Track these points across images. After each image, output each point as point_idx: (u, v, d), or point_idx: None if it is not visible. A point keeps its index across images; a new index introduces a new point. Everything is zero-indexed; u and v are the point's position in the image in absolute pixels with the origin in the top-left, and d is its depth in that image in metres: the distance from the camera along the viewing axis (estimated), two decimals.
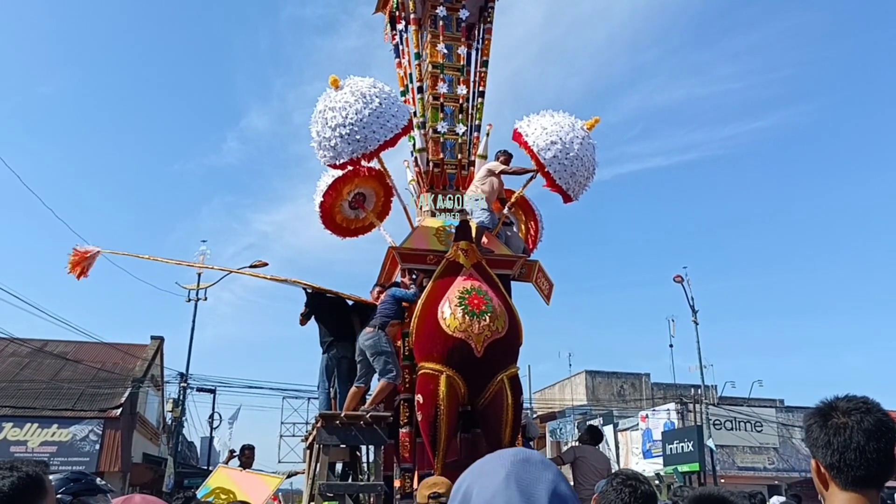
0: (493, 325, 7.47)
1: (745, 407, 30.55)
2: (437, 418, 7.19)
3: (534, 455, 1.07)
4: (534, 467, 1.04)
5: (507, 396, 7.47)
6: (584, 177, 8.44)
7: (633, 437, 32.30)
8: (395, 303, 7.79)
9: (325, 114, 7.96)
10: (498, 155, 8.75)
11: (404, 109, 8.36)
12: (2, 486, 1.84)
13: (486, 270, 7.96)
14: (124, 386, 23.23)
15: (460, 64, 9.41)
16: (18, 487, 1.86)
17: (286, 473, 10.46)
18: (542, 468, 1.04)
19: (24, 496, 1.86)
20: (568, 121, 8.41)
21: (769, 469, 29.37)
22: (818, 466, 1.85)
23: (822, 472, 1.83)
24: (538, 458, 1.06)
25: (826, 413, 1.84)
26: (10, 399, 21.81)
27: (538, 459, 1.06)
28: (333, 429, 7.45)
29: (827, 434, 1.80)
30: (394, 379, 7.48)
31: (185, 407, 25.34)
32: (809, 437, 1.88)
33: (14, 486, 1.85)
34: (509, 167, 8.54)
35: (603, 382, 41.49)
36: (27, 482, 1.88)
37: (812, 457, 1.89)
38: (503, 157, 8.71)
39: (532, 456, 1.07)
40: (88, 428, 21.64)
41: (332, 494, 7.46)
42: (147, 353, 26.43)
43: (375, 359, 7.48)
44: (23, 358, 24.31)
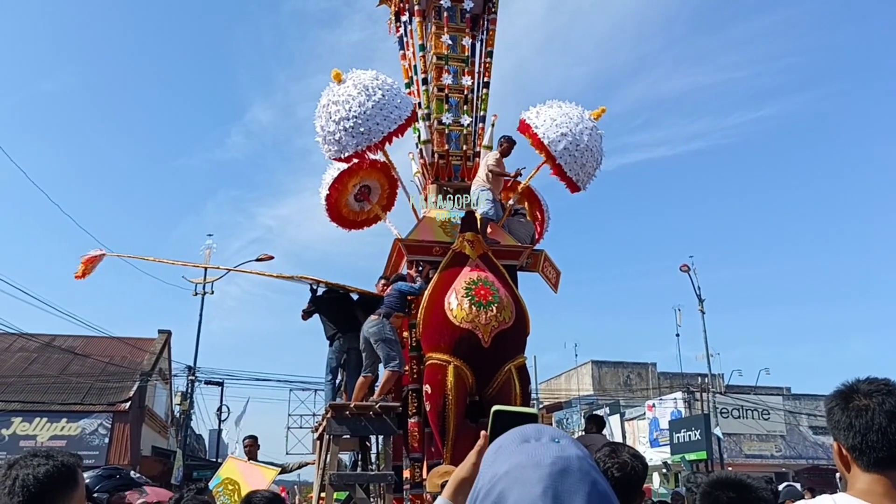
0: (500, 316, 7.49)
1: (752, 395, 30.54)
2: (446, 408, 7.23)
3: (572, 463, 1.01)
4: (572, 479, 0.99)
5: (515, 386, 7.50)
6: (592, 167, 8.44)
7: (639, 426, 32.34)
8: (399, 296, 7.84)
9: (328, 108, 7.96)
10: (501, 142, 8.75)
11: (407, 101, 8.36)
12: (37, 473, 1.89)
13: (493, 261, 7.98)
14: (132, 379, 23.35)
15: (465, 55, 9.39)
16: (53, 476, 1.90)
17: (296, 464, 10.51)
18: (581, 479, 1.00)
19: (57, 484, 1.91)
20: (576, 111, 8.39)
21: (776, 457, 29.40)
22: (840, 448, 1.86)
23: (844, 455, 1.84)
24: (577, 467, 1.01)
25: (847, 395, 1.85)
26: (20, 394, 21.93)
27: (577, 468, 1.00)
28: (343, 419, 7.50)
29: (849, 416, 1.81)
30: (397, 367, 7.54)
31: (193, 400, 25.46)
32: (831, 419, 1.89)
33: (49, 473, 1.90)
34: (497, 168, 8.49)
35: (609, 372, 41.54)
36: (62, 471, 1.93)
37: (833, 439, 1.90)
38: (506, 143, 8.71)
39: (571, 465, 1.00)
40: (97, 422, 21.76)
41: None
42: (155, 346, 26.54)
43: (379, 345, 7.56)
44: (31, 353, 24.44)
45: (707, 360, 28.25)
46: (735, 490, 2.40)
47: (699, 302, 28.26)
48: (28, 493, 1.87)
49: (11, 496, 1.87)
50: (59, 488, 1.92)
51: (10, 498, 1.87)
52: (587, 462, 1.02)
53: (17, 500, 1.87)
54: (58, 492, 1.91)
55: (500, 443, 1.09)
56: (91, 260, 8.66)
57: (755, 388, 32.04)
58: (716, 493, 2.42)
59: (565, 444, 1.04)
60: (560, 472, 0.99)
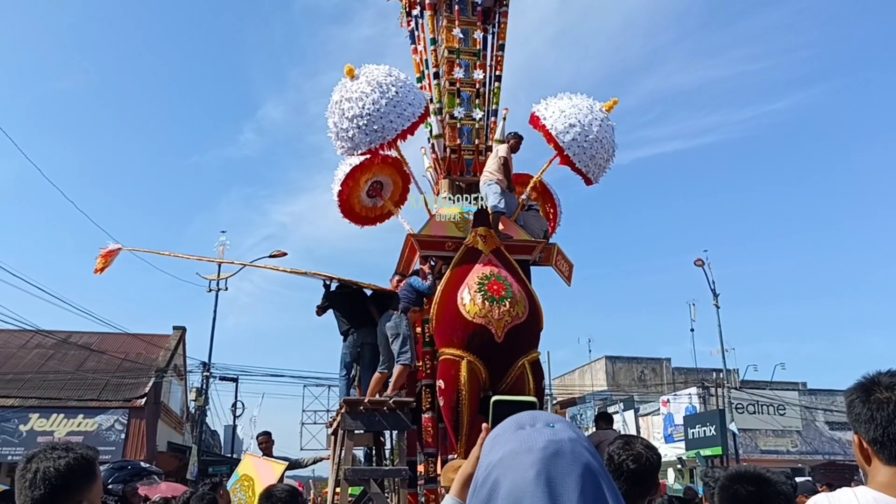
0: (513, 311, 7.47)
1: (767, 390, 30.37)
2: (459, 403, 7.22)
3: (564, 446, 1.00)
4: (564, 461, 0.99)
5: (529, 381, 7.49)
6: (603, 159, 8.38)
7: (654, 421, 32.24)
8: (412, 291, 7.85)
9: (341, 104, 7.94)
10: (508, 137, 8.72)
11: (421, 97, 8.32)
12: (57, 465, 1.90)
13: (506, 256, 7.95)
14: (148, 376, 23.50)
15: (476, 48, 9.35)
16: (73, 468, 1.92)
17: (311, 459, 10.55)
18: (573, 461, 0.99)
19: (76, 476, 1.93)
20: (586, 103, 8.34)
21: (792, 452, 29.23)
22: (860, 441, 1.83)
23: (865, 448, 1.82)
24: (569, 449, 1.00)
25: (868, 388, 1.82)
26: (36, 390, 22.13)
27: (569, 450, 1.00)
28: (357, 415, 7.51)
29: (870, 409, 1.78)
30: (408, 361, 7.57)
31: (207, 396, 25.61)
32: (851, 412, 1.86)
33: (69, 465, 1.92)
34: (505, 162, 8.45)
35: (623, 368, 41.42)
36: (81, 463, 1.95)
37: (854, 432, 1.87)
38: (513, 139, 8.68)
39: (563, 447, 1.00)
40: (114, 417, 21.93)
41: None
42: (170, 343, 26.71)
43: (394, 340, 7.60)
44: (48, 349, 24.65)
45: (722, 355, 28.10)
46: (754, 484, 2.38)
47: (714, 296, 28.09)
48: (49, 485, 1.89)
49: (33, 489, 1.89)
50: (79, 480, 1.94)
51: (31, 490, 1.89)
52: (580, 444, 1.02)
53: (39, 492, 1.88)
54: (78, 484, 1.93)
55: (497, 432, 1.09)
56: (109, 254, 8.71)
57: (771, 383, 31.85)
58: (734, 486, 2.39)
59: (559, 429, 1.04)
60: (552, 455, 0.99)
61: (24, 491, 1.91)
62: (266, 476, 7.44)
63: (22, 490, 1.92)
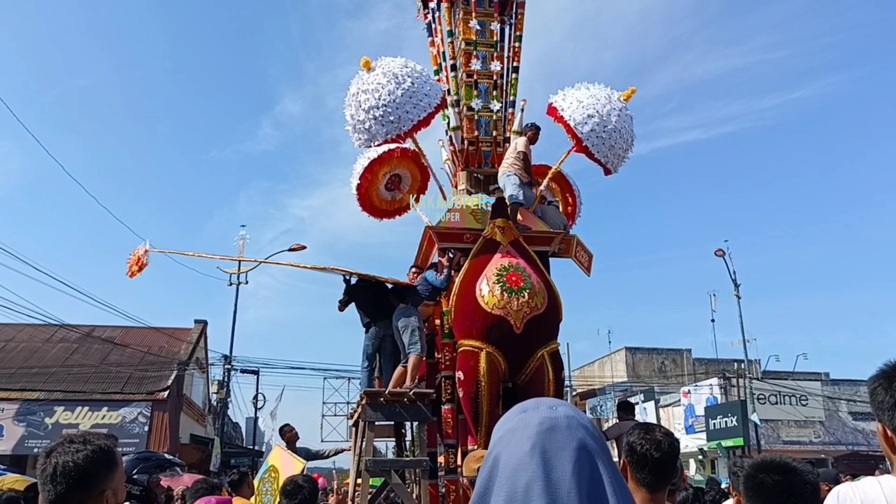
0: (531, 302, 7.46)
1: (789, 381, 30.13)
2: (479, 394, 7.24)
3: (560, 421, 1.04)
4: (559, 435, 1.02)
5: (549, 372, 7.48)
6: (622, 149, 8.32)
7: (674, 412, 32.11)
8: (427, 285, 7.91)
9: (358, 96, 7.96)
10: (526, 129, 8.69)
11: (437, 88, 8.32)
12: (76, 459, 1.91)
13: (524, 247, 7.94)
14: (170, 369, 23.77)
15: (493, 40, 9.32)
16: (92, 459, 1.92)
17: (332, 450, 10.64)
18: (568, 435, 1.02)
19: (97, 468, 1.93)
20: (604, 93, 8.28)
21: (815, 443, 29.01)
22: (885, 430, 1.82)
23: (890, 436, 1.80)
24: (564, 425, 1.04)
25: (891, 375, 1.81)
26: (61, 383, 22.45)
27: (564, 426, 1.04)
28: (378, 406, 7.56)
29: (893, 396, 1.77)
30: (419, 351, 7.69)
31: (229, 388, 25.87)
32: (874, 400, 1.85)
33: (88, 458, 1.92)
34: (525, 152, 8.43)
35: (643, 359, 41.25)
36: (100, 455, 1.95)
37: (878, 420, 1.86)
38: (531, 131, 8.65)
39: (558, 423, 1.04)
40: (137, 410, 22.21)
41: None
42: (191, 336, 26.97)
43: (405, 332, 7.74)
44: (72, 343, 25.00)
45: (743, 346, 27.90)
46: (780, 473, 2.36)
47: (735, 287, 27.88)
48: (69, 479, 1.89)
49: (54, 483, 1.89)
50: (99, 471, 1.94)
51: (52, 485, 1.89)
52: (577, 421, 1.05)
53: (61, 487, 1.89)
54: (98, 475, 1.94)
55: (504, 416, 1.14)
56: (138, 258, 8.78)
57: (793, 373, 31.59)
58: (760, 476, 2.38)
59: (559, 409, 1.08)
60: (547, 430, 1.02)
61: (45, 486, 1.91)
62: (289, 470, 7.63)
63: (44, 485, 1.92)
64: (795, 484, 2.33)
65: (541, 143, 8.76)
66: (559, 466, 0.99)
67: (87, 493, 1.91)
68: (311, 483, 4.37)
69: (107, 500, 1.94)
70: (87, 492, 1.91)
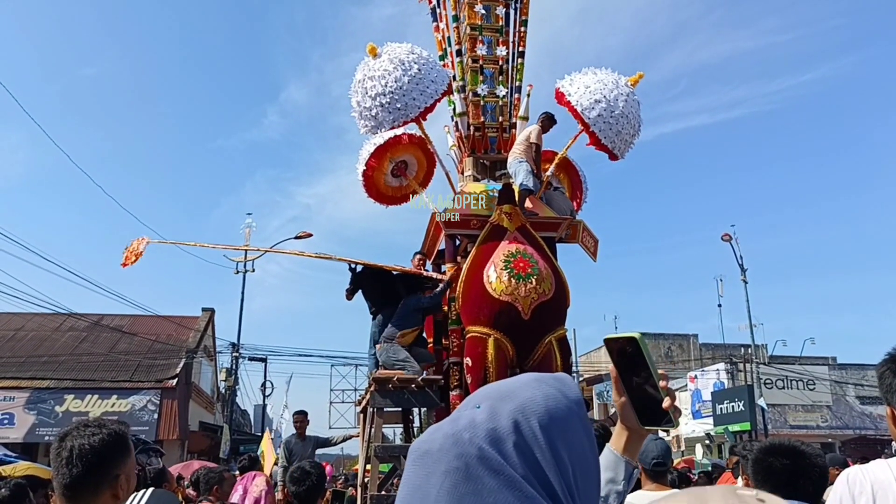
0: (539, 288, 7.46)
1: (796, 365, 30.12)
2: (487, 380, 7.24)
3: (433, 444, 0.82)
4: (428, 460, 0.81)
5: (556, 358, 7.49)
6: (629, 134, 8.28)
7: (681, 397, 32.13)
8: (408, 315, 7.96)
9: (364, 83, 7.93)
10: (541, 117, 8.65)
11: (443, 74, 8.29)
12: (92, 441, 1.93)
13: (531, 233, 7.93)
14: (179, 357, 23.89)
15: (499, 25, 9.26)
16: (108, 443, 1.96)
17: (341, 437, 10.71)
18: (435, 461, 0.80)
19: (112, 451, 1.96)
20: (611, 77, 8.24)
21: (822, 427, 29.02)
22: (893, 413, 1.82)
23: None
24: (436, 448, 0.81)
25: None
26: (71, 372, 22.60)
27: (436, 449, 0.81)
28: (387, 392, 7.59)
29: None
30: (417, 372, 7.72)
31: (237, 376, 25.98)
32: (883, 383, 1.85)
33: (104, 441, 1.95)
34: (537, 142, 8.41)
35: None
36: (115, 438, 1.99)
37: (886, 404, 1.86)
38: (546, 120, 8.60)
39: (431, 447, 0.82)
40: (146, 398, 22.35)
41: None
42: (199, 324, 27.09)
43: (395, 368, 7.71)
44: (81, 332, 25.14)
45: (750, 331, 27.92)
46: (789, 457, 2.37)
47: (741, 272, 27.88)
48: (86, 461, 1.91)
49: (70, 466, 1.91)
50: (114, 455, 1.97)
51: (68, 469, 1.91)
52: (457, 438, 0.80)
53: (77, 470, 1.91)
54: (113, 459, 1.97)
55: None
56: (136, 248, 8.85)
57: (800, 358, 31.59)
58: (769, 459, 2.38)
59: (460, 416, 0.85)
60: (417, 459, 0.82)
61: (60, 469, 1.93)
62: (269, 457, 7.79)
63: (59, 469, 1.94)
64: (804, 467, 2.34)
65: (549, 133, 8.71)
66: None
67: (102, 476, 1.93)
68: (318, 469, 4.40)
69: (120, 485, 1.97)
70: (102, 476, 1.93)
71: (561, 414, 0.83)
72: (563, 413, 0.84)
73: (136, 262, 8.86)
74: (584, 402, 0.90)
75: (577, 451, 0.82)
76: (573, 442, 0.82)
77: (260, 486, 4.10)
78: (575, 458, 0.82)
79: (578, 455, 0.82)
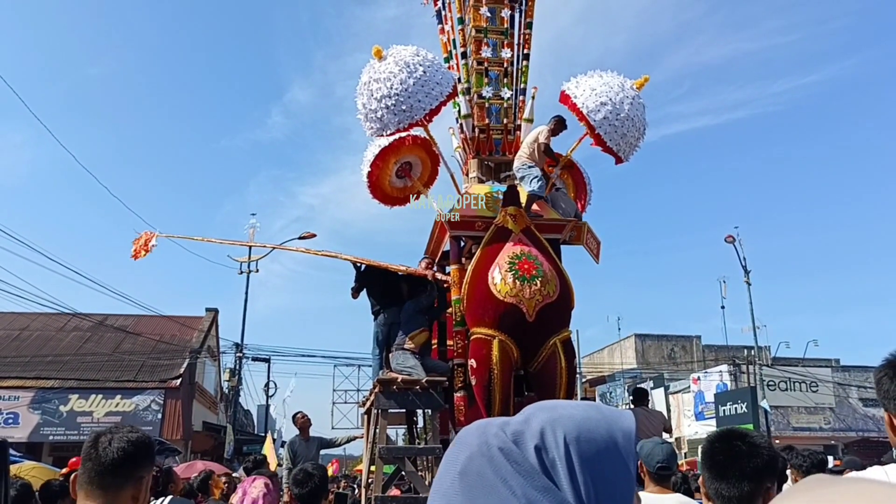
0: (544, 290, 7.47)
1: (799, 367, 30.08)
2: (491, 382, 7.27)
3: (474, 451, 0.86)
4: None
5: (561, 360, 7.50)
6: (634, 137, 8.30)
7: (684, 399, 32.13)
8: (410, 318, 8.05)
9: (370, 85, 7.95)
10: (552, 121, 8.61)
11: (448, 76, 8.31)
12: (129, 439, 2.06)
13: (536, 235, 7.94)
14: (182, 357, 23.93)
15: (504, 27, 9.28)
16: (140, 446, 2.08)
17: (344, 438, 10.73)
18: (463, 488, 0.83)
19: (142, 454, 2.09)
20: (617, 81, 8.25)
21: (825, 429, 28.99)
22: (891, 419, 1.83)
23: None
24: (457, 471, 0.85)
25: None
26: (75, 371, 22.65)
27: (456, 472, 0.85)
28: (391, 394, 7.61)
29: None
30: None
31: (241, 376, 26.03)
32: (880, 389, 1.86)
33: (137, 443, 2.08)
34: (545, 144, 8.40)
35: (653, 345, 41.22)
36: (146, 442, 2.12)
37: (884, 410, 1.87)
38: (556, 124, 8.55)
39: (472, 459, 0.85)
40: (150, 398, 22.39)
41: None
42: (203, 324, 27.13)
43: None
44: (85, 332, 25.20)
45: (753, 332, 27.88)
46: (726, 441, 2.38)
47: (745, 273, 27.82)
48: (118, 458, 2.02)
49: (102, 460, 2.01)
50: (144, 457, 2.09)
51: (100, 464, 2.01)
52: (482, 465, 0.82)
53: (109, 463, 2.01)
54: (143, 461, 2.08)
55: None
56: (145, 242, 8.90)
57: (803, 360, 31.54)
58: (714, 445, 2.41)
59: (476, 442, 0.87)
60: (454, 441, 0.91)
61: (93, 463, 2.02)
62: (271, 461, 7.94)
63: (91, 462, 2.03)
64: (743, 450, 2.32)
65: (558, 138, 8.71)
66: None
67: (128, 476, 2.04)
68: (321, 471, 4.42)
69: (142, 487, 2.08)
70: (128, 475, 2.04)
71: (594, 437, 0.84)
72: (598, 438, 0.85)
73: (147, 255, 8.91)
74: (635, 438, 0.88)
75: (602, 477, 0.82)
76: (600, 467, 0.83)
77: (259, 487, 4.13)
78: (600, 484, 0.82)
79: (604, 482, 0.82)
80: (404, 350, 7.85)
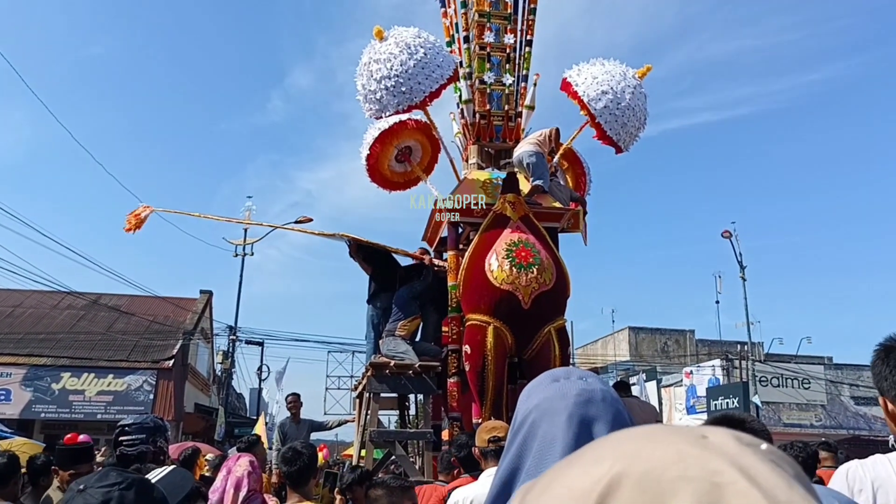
0: (540, 278, 7.44)
1: (792, 364, 30.16)
2: (485, 368, 7.25)
3: (596, 394, 1.08)
4: (595, 407, 1.06)
5: (555, 348, 7.48)
6: (634, 127, 8.24)
7: (676, 392, 32.19)
8: (402, 304, 8.00)
9: (369, 66, 7.88)
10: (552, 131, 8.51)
11: (449, 59, 8.23)
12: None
13: (534, 223, 7.90)
14: (175, 338, 23.88)
15: (507, 12, 9.20)
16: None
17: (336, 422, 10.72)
18: (604, 408, 1.07)
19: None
20: (619, 69, 8.19)
21: (816, 426, 29.07)
22: (886, 404, 1.80)
23: (892, 410, 1.79)
24: (600, 398, 1.08)
25: (890, 348, 1.79)
26: (68, 350, 22.59)
27: (600, 398, 1.08)
28: (383, 378, 7.59)
29: (891, 368, 1.76)
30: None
31: (234, 359, 26.00)
32: (874, 372, 1.84)
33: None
34: (549, 142, 8.33)
35: (646, 339, 41.27)
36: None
37: (880, 394, 1.84)
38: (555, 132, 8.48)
39: (594, 395, 1.08)
40: (142, 378, 22.35)
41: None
42: (197, 306, 27.06)
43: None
44: (79, 310, 25.11)
45: (747, 328, 27.92)
46: (725, 424, 2.36)
47: (740, 269, 27.86)
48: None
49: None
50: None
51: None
52: (611, 394, 1.11)
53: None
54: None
55: (533, 383, 1.17)
56: (139, 214, 8.82)
57: (796, 356, 31.62)
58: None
59: (591, 381, 1.13)
60: (585, 401, 1.07)
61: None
62: (264, 440, 8.02)
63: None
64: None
65: (551, 119, 8.70)
66: (597, 435, 1.01)
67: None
68: (310, 450, 4.39)
69: None
70: None
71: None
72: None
73: (140, 228, 8.83)
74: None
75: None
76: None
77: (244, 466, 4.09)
78: None
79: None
80: (395, 336, 7.82)
